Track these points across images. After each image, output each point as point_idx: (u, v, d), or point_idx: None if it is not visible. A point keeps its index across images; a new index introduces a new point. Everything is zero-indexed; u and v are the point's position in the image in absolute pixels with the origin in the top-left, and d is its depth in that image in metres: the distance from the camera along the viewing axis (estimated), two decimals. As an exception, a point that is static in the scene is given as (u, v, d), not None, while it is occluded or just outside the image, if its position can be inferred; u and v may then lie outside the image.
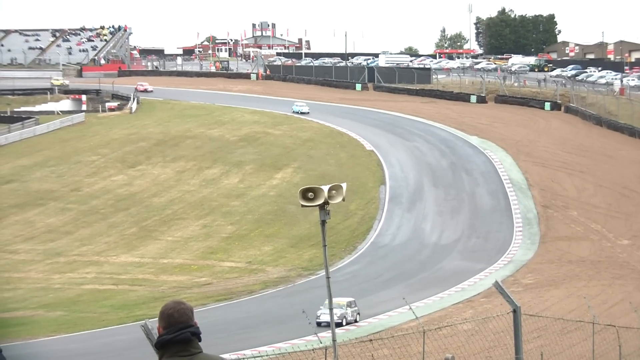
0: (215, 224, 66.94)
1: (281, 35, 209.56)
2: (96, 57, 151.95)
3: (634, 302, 35.39)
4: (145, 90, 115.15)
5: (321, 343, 18.48)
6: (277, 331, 40.64)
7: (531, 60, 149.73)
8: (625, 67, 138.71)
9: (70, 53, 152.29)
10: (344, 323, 41.72)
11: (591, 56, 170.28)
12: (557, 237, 62.02)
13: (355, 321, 42.59)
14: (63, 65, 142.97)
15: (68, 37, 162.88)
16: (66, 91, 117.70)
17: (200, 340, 5.96)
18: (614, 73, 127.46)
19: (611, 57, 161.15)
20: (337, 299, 41.28)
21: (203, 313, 43.42)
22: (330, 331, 13.33)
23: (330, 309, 13.27)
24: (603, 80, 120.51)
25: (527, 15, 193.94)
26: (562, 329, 26.66)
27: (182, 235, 64.61)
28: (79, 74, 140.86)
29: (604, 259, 57.17)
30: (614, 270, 54.15)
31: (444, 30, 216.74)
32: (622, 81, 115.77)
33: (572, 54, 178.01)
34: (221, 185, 75.57)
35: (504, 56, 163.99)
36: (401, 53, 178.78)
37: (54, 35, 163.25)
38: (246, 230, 65.64)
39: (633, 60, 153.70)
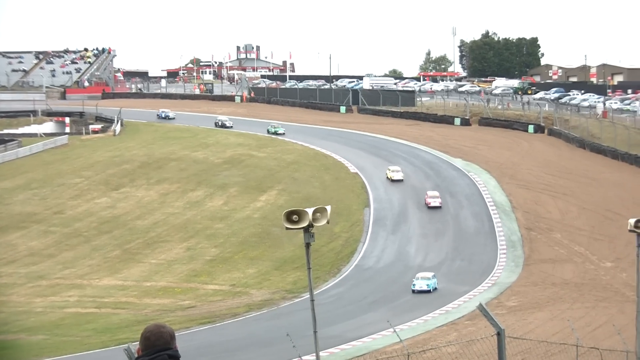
0: (199, 246, 66.83)
1: (265, 57, 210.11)
2: (80, 80, 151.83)
3: (618, 325, 35.49)
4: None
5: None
6: (261, 354, 40.54)
7: (515, 83, 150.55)
8: (608, 90, 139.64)
9: (53, 75, 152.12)
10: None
11: (574, 79, 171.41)
12: (540, 260, 62.19)
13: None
14: (46, 87, 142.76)
15: (52, 59, 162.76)
16: (49, 113, 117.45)
17: None
18: (596, 96, 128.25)
19: (594, 80, 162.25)
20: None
21: (186, 336, 43.26)
22: (314, 354, 13.32)
23: (315, 332, 13.25)
24: (586, 103, 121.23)
25: (510, 39, 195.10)
26: (546, 352, 26.74)
27: (165, 258, 64.45)
28: (63, 96, 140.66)
29: (588, 282, 57.34)
30: (598, 293, 54.31)
31: (429, 53, 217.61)
32: (604, 104, 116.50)
33: (555, 76, 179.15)
34: (205, 208, 75.48)
35: (488, 79, 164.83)
36: (385, 75, 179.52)
37: (37, 58, 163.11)
38: (230, 252, 65.55)
39: (615, 83, 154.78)
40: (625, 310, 47.68)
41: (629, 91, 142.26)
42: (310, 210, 11.88)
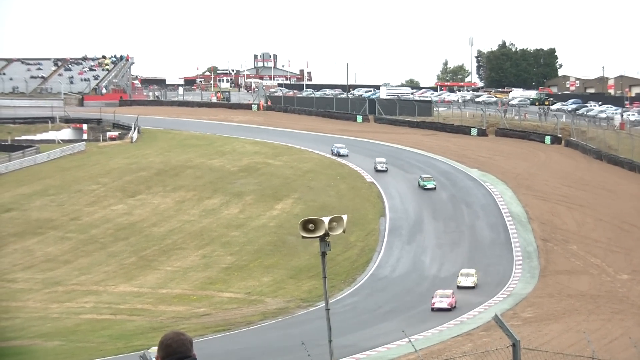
0: (214, 254, 66.92)
1: (282, 66, 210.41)
2: (98, 87, 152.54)
3: (634, 337, 35.30)
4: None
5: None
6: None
7: (532, 93, 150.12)
8: (626, 102, 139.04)
9: (72, 82, 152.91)
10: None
11: (592, 90, 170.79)
12: (556, 271, 61.96)
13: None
14: (64, 94, 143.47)
15: (70, 66, 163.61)
16: (67, 120, 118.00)
17: None
18: (614, 107, 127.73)
19: (611, 91, 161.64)
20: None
21: (201, 344, 43.19)
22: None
23: (330, 341, 13.27)
24: (603, 115, 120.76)
25: (528, 49, 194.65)
26: (562, 364, 26.61)
27: (181, 265, 64.57)
28: (81, 103, 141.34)
29: (604, 294, 57.08)
30: (614, 305, 54.05)
31: (446, 63, 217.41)
32: (622, 116, 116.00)
33: (572, 87, 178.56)
34: (221, 216, 75.58)
35: (505, 89, 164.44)
36: (402, 85, 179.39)
37: (55, 64, 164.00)
38: (246, 260, 65.62)
39: (633, 95, 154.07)
40: (642, 323, 47.48)
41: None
42: (326, 219, 11.89)
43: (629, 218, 71.85)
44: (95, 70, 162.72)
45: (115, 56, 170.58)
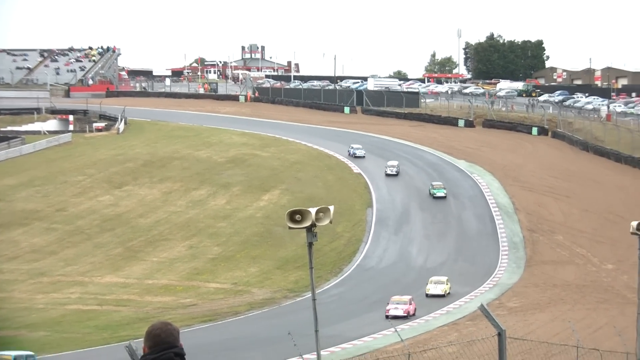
0: (201, 245, 66.89)
1: (270, 57, 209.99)
2: (84, 78, 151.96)
3: (618, 326, 35.44)
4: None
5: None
6: (262, 353, 40.59)
7: (519, 85, 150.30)
8: (612, 94, 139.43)
9: (58, 73, 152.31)
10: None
11: (579, 82, 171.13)
12: (542, 261, 62.21)
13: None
14: (50, 85, 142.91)
15: (56, 57, 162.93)
16: (53, 111, 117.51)
17: None
18: (600, 99, 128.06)
19: (598, 83, 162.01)
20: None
21: (188, 334, 43.22)
22: (315, 353, 13.36)
23: (316, 331, 13.26)
24: (590, 106, 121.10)
25: (515, 41, 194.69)
26: (547, 353, 26.69)
27: (167, 256, 64.51)
28: (67, 94, 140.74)
29: (589, 283, 57.36)
30: (599, 295, 54.34)
31: (434, 55, 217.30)
32: (608, 107, 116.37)
33: (559, 79, 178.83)
34: (208, 207, 75.52)
35: (492, 81, 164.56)
36: (390, 77, 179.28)
37: (42, 56, 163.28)
38: (232, 251, 65.63)
39: (620, 86, 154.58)
40: (626, 312, 47.67)
41: (633, 94, 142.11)
42: (313, 210, 11.89)
43: (614, 209, 72.09)
44: (81, 61, 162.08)
45: (101, 47, 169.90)
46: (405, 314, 48.72)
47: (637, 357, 19.35)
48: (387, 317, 47.67)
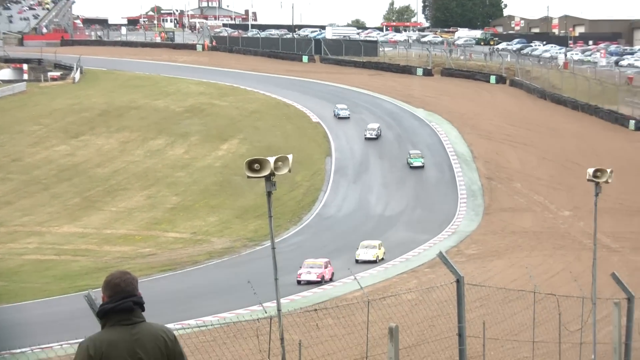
0: (159, 194, 66.75)
1: (227, 6, 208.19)
2: (38, 26, 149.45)
3: (574, 272, 35.99)
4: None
5: (266, 313, 18.49)
6: (222, 301, 40.57)
7: (477, 33, 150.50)
8: (570, 42, 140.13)
9: (10, 21, 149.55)
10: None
11: (536, 30, 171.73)
12: (500, 209, 62.77)
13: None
14: (3, 33, 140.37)
15: (9, 4, 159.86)
16: (6, 60, 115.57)
17: (143, 310, 6.07)
18: (558, 47, 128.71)
19: (556, 31, 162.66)
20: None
21: (147, 283, 43.20)
22: (275, 301, 13.35)
23: (276, 279, 13.22)
24: (547, 54, 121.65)
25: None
26: (504, 299, 26.99)
27: (126, 205, 64.31)
28: (20, 43, 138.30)
29: (546, 230, 58.04)
30: (556, 241, 55.00)
31: (392, 3, 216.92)
32: (566, 55, 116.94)
33: (517, 27, 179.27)
34: (166, 156, 75.23)
35: (451, 29, 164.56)
36: (348, 25, 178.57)
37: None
38: (191, 201, 65.60)
39: (577, 34, 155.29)
40: (582, 257, 48.40)
41: (590, 42, 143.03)
42: (271, 159, 11.80)
43: (571, 156, 72.77)
44: (34, 9, 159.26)
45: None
46: (319, 279, 44.61)
47: (593, 302, 19.62)
48: (298, 282, 44.40)
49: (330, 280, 45.12)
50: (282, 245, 52.95)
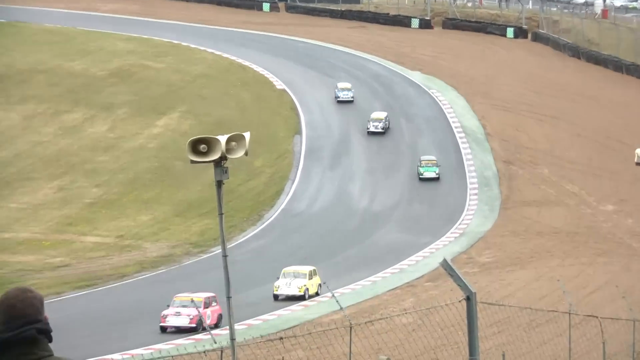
0: (75, 185, 66.85)
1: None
2: None
3: (622, 286, 35.78)
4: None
5: (215, 343, 18.31)
6: (156, 328, 40.39)
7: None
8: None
9: None
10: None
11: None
12: (522, 202, 62.95)
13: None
14: None
15: None
16: None
17: (50, 340, 5.86)
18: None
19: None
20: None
21: (57, 304, 43.12)
22: (227, 328, 13.05)
23: (228, 297, 12.93)
24: (581, 0, 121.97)
25: None
26: (530, 322, 26.85)
27: (30, 200, 64.33)
28: None
29: (583, 230, 58.21)
30: (596, 245, 55.13)
31: None
32: (604, 1, 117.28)
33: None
34: (84, 135, 75.32)
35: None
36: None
37: None
38: (117, 194, 65.83)
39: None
40: (632, 267, 48.55)
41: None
42: (223, 138, 11.62)
43: (614, 132, 73.06)
44: None
45: None
46: (193, 324, 40.48)
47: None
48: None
49: (217, 324, 41.01)
50: (238, 251, 53.08)
